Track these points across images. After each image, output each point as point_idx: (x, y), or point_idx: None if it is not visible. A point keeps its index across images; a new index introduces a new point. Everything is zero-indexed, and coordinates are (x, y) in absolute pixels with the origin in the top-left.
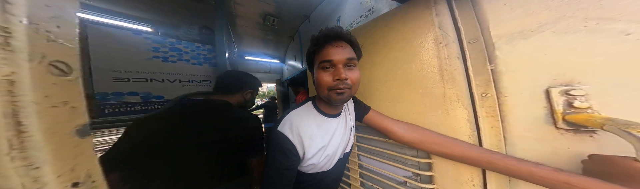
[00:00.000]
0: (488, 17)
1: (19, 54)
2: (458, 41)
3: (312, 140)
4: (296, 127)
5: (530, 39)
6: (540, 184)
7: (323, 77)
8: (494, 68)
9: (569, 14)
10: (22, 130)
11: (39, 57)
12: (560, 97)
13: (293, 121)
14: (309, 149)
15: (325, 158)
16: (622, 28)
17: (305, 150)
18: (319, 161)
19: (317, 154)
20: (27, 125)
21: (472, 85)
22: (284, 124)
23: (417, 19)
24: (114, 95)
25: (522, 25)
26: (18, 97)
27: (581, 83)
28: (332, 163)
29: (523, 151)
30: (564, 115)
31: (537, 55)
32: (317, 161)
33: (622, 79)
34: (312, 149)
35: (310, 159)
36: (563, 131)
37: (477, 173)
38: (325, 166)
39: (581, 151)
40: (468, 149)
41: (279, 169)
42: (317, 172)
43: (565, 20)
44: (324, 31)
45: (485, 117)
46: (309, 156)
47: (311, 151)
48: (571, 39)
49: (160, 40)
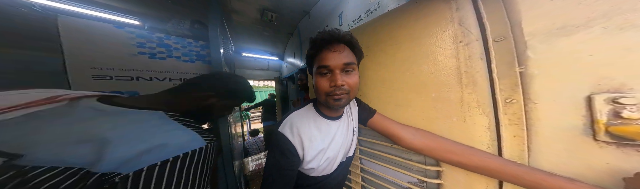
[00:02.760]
0: (521, 11)
1: None
2: (482, 39)
3: (311, 142)
4: (297, 128)
5: (574, 37)
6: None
7: (320, 82)
8: (523, 70)
9: (626, 7)
10: None
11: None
12: (605, 106)
13: (294, 122)
14: (309, 151)
15: (326, 162)
16: None
17: (305, 152)
18: (319, 165)
19: (317, 157)
20: None
21: (495, 90)
22: (285, 125)
23: (432, 15)
24: None
25: (564, 19)
26: None
27: (633, 90)
28: (333, 167)
29: (549, 163)
30: (607, 126)
31: (580, 55)
32: (317, 164)
33: None
34: (311, 151)
35: (310, 162)
36: (603, 143)
37: (493, 184)
38: (326, 170)
39: (624, 167)
40: (488, 159)
41: (278, 170)
42: (318, 176)
43: (621, 14)
44: (321, 34)
45: (508, 125)
46: (309, 158)
47: (311, 154)
48: (627, 37)
49: (146, 34)
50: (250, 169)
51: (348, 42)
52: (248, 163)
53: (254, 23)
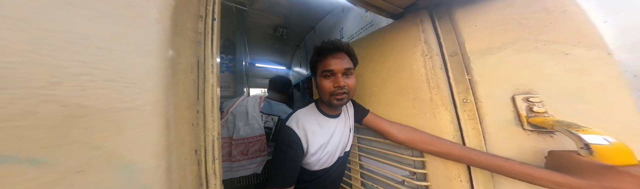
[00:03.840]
0: (464, 35)
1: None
2: (441, 54)
3: (314, 136)
4: (302, 123)
5: (496, 55)
6: (510, 176)
7: (325, 84)
8: (471, 78)
9: (523, 36)
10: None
11: (217, 76)
12: (523, 103)
13: (299, 118)
14: (312, 145)
15: (326, 155)
16: (562, 49)
17: (309, 145)
18: (320, 158)
19: (319, 151)
20: None
21: (453, 92)
22: (291, 120)
23: (407, 34)
24: None
25: (488, 43)
26: (215, 92)
27: (537, 92)
28: (333, 160)
29: (499, 150)
30: (527, 118)
31: (502, 68)
32: (318, 157)
33: (565, 89)
34: (314, 144)
35: (313, 155)
36: (529, 132)
37: (463, 169)
38: (326, 163)
39: (544, 148)
40: (451, 146)
41: (285, 161)
42: (319, 169)
43: (521, 41)
44: (326, 44)
45: (467, 120)
46: (312, 151)
47: (314, 147)
48: (526, 56)
49: None
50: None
51: (347, 51)
52: None
53: (267, 38)
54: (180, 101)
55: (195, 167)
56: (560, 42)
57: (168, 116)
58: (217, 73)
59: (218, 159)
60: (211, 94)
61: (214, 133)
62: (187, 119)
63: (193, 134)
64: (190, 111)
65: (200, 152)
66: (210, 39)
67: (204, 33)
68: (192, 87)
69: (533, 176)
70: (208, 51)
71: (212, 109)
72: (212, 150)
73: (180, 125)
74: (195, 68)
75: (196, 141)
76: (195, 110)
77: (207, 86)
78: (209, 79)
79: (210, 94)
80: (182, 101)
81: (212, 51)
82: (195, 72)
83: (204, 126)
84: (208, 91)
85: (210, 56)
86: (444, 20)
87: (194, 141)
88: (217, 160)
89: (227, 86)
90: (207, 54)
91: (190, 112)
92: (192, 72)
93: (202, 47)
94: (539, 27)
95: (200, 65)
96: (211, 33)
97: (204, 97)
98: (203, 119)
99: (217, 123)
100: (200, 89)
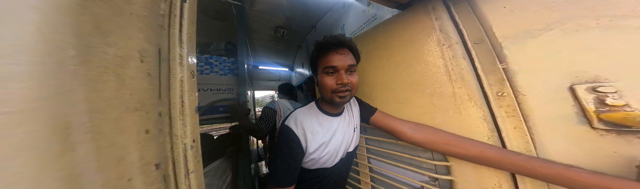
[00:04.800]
0: (489, 19)
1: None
2: (462, 42)
3: (314, 135)
4: (300, 122)
5: (539, 38)
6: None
7: (327, 81)
8: (505, 67)
9: (574, 13)
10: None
11: (188, 68)
12: (588, 95)
13: (298, 117)
14: (311, 144)
15: (327, 155)
16: (638, 24)
17: (307, 143)
18: (321, 156)
19: (319, 150)
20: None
21: (483, 84)
22: (290, 119)
23: (417, 24)
24: None
25: (526, 25)
26: (185, 89)
27: (609, 80)
28: (335, 161)
29: (558, 154)
30: (598, 114)
31: (550, 53)
32: (318, 155)
33: None
34: (314, 143)
35: (312, 153)
36: (602, 131)
37: (506, 178)
38: (327, 163)
39: (633, 154)
40: (487, 149)
41: (284, 159)
42: (319, 168)
43: (572, 19)
44: (328, 39)
45: (506, 117)
46: (311, 150)
47: (313, 146)
48: (585, 36)
49: (199, 57)
50: (263, 172)
51: (350, 47)
52: (261, 167)
53: (269, 39)
54: (114, 100)
55: (160, 185)
56: (634, 15)
57: (69, 123)
58: (190, 65)
59: (195, 172)
60: (180, 92)
61: (186, 141)
62: (136, 124)
63: (151, 143)
64: (143, 113)
65: (166, 165)
66: (178, 23)
67: (169, 16)
68: (145, 82)
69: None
70: (174, 38)
71: (181, 110)
72: (185, 162)
73: (119, 134)
74: (152, 57)
75: (158, 152)
76: (157, 112)
77: (174, 81)
78: (176, 73)
79: (179, 92)
80: (119, 100)
81: (182, 38)
82: (153, 63)
83: (171, 132)
84: (175, 88)
85: (177, 44)
86: (461, 5)
87: (152, 152)
88: (193, 173)
89: (230, 89)
90: (174, 41)
91: (142, 116)
92: (144, 63)
93: (166, 32)
94: (597, 0)
95: (162, 54)
96: (180, 17)
97: (169, 96)
98: (168, 123)
99: (191, 128)
100: (163, 85)
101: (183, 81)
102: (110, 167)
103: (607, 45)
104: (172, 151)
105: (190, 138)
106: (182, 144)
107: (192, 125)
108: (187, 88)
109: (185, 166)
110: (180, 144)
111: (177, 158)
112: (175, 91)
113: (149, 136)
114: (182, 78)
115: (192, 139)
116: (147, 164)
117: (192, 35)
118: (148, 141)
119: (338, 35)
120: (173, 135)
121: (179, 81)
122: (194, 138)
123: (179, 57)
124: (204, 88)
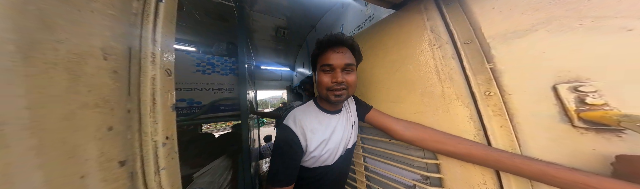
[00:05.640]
0: (479, 20)
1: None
2: (451, 42)
3: (313, 134)
4: (299, 120)
5: (525, 38)
6: (555, 186)
7: (323, 78)
8: (493, 67)
9: (559, 14)
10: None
11: (162, 67)
12: (570, 94)
13: (296, 116)
14: (311, 142)
15: (327, 152)
16: (620, 24)
17: (307, 142)
18: (321, 154)
19: (319, 147)
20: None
21: (471, 83)
22: (289, 118)
23: (411, 24)
24: None
25: (513, 25)
26: (157, 87)
27: (590, 79)
28: (335, 158)
29: (541, 152)
30: (578, 112)
31: (535, 53)
32: (319, 153)
33: (634, 75)
34: (314, 142)
35: (312, 151)
36: (582, 130)
37: (490, 175)
38: (327, 160)
39: (609, 152)
40: (472, 147)
41: (283, 159)
42: (319, 166)
43: (557, 20)
44: (328, 37)
45: (492, 116)
46: (312, 148)
47: (313, 144)
48: (568, 37)
49: (201, 56)
50: (263, 170)
51: (350, 45)
52: (262, 165)
53: (270, 39)
54: (63, 96)
55: (125, 182)
56: (616, 16)
57: (2, 119)
58: (165, 64)
59: (167, 169)
60: (151, 89)
61: (157, 138)
62: (96, 121)
63: (115, 140)
64: (106, 110)
65: (134, 162)
66: (152, 22)
67: (142, 14)
68: (108, 79)
69: (592, 186)
70: (147, 37)
71: (152, 108)
72: (155, 159)
73: (73, 131)
74: (119, 55)
75: (124, 150)
76: (124, 109)
77: (145, 78)
78: (147, 71)
79: (150, 89)
80: (72, 96)
81: (155, 37)
82: (121, 61)
83: (140, 129)
84: (146, 85)
85: (150, 43)
86: (453, 5)
87: (116, 149)
88: (165, 170)
89: (231, 88)
90: (146, 40)
91: (104, 112)
92: (109, 60)
93: (138, 31)
94: (580, 1)
95: (133, 52)
96: (154, 16)
97: (139, 93)
98: (137, 120)
99: (164, 125)
100: (133, 83)
101: (155, 79)
102: (57, 164)
103: (590, 46)
104: (140, 148)
105: (161, 135)
106: (152, 142)
107: (165, 122)
108: (159, 86)
109: (155, 163)
110: (149, 142)
111: (146, 155)
112: (146, 89)
113: (113, 133)
114: (154, 76)
115: (165, 137)
116: (109, 161)
117: (169, 34)
118: (111, 137)
119: (338, 33)
120: (142, 132)
121: (150, 79)
122: (167, 135)
123: (152, 56)
124: (206, 87)
